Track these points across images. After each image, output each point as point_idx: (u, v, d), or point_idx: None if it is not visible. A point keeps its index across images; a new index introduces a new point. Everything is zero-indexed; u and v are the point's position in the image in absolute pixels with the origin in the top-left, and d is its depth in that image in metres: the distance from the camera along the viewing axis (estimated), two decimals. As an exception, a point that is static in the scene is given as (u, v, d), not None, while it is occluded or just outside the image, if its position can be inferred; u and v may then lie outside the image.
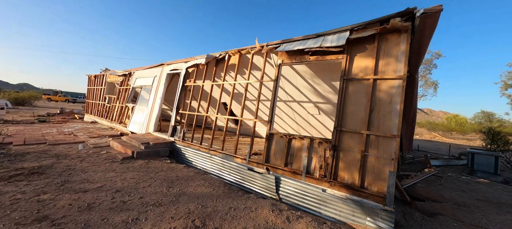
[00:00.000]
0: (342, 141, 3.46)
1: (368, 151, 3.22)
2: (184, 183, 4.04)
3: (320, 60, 3.90)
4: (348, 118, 3.48)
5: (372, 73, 3.35)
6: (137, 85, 8.94)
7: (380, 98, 3.25)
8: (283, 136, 4.11)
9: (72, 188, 3.45)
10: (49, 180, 3.71)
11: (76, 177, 3.92)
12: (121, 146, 6.04)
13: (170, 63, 7.67)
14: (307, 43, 4.02)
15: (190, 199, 3.38)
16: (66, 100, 35.00)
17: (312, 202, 3.55)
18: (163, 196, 3.41)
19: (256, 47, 4.84)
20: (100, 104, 11.78)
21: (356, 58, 3.59)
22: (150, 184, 3.84)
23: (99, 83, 12.19)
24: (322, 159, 3.60)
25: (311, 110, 5.87)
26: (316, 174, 3.57)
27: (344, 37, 3.57)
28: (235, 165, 4.65)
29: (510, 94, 13.77)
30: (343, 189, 3.30)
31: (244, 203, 3.41)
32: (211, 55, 5.79)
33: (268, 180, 4.06)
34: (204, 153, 5.37)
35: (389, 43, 3.31)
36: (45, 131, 8.09)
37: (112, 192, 3.41)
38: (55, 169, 4.23)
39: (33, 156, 4.98)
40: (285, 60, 4.34)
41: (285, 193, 3.88)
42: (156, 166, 5.01)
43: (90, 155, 5.43)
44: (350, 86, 3.55)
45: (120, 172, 4.34)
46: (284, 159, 4.03)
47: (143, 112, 8.02)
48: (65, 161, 4.79)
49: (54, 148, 5.84)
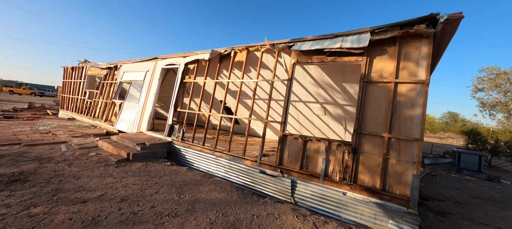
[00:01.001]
0: (362, 143, 3.44)
1: (389, 154, 3.23)
2: (194, 188, 3.75)
3: (337, 61, 3.84)
4: (368, 121, 3.46)
5: (393, 77, 3.36)
6: (126, 80, 8.23)
7: (401, 102, 3.27)
8: (298, 138, 4.00)
9: (68, 198, 3.00)
10: (36, 189, 3.20)
11: (69, 185, 3.43)
12: (113, 147, 5.49)
13: (165, 57, 7.15)
14: (324, 43, 3.92)
15: (207, 206, 3.13)
16: (32, 93, 31.56)
17: (331, 206, 3.50)
18: (176, 204, 3.12)
19: (266, 45, 4.64)
20: (79, 99, 10.70)
21: (375, 61, 3.58)
22: (157, 191, 3.50)
23: (77, 77, 11.06)
24: (340, 161, 3.55)
25: (317, 111, 5.84)
26: (336, 177, 3.52)
27: (366, 39, 3.53)
28: (245, 167, 4.45)
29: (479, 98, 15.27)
30: (364, 192, 3.29)
31: (264, 209, 3.25)
32: (216, 50, 5.47)
33: (283, 183, 3.93)
34: (208, 154, 5.09)
35: (410, 47, 3.33)
36: (16, 129, 7.11)
37: (116, 201, 3.03)
38: (40, 175, 3.67)
39: (9, 160, 4.30)
40: (299, 59, 4.22)
41: (301, 197, 3.78)
42: (157, 169, 4.62)
43: (78, 157, 4.85)
44: (369, 88, 3.53)
45: (118, 177, 3.91)
46: (299, 161, 3.92)
47: (134, 109, 7.40)
48: (50, 165, 4.20)
49: (32, 150, 5.12)
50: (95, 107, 9.57)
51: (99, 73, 9.93)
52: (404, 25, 3.41)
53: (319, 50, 3.95)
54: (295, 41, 4.35)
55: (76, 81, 11.03)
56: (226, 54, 5.48)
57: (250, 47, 5.06)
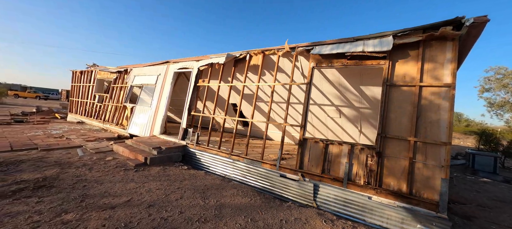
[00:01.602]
0: (387, 147, 3.43)
1: (415, 158, 3.21)
2: (217, 193, 3.75)
3: (358, 65, 3.84)
4: (392, 124, 3.45)
5: (417, 80, 3.35)
6: (137, 84, 8.27)
7: (426, 105, 3.26)
8: (319, 142, 4.00)
9: (96, 204, 3.01)
10: (63, 194, 3.22)
11: (94, 190, 3.45)
12: (129, 151, 5.52)
13: (177, 61, 7.18)
14: (345, 46, 3.93)
15: (234, 211, 3.13)
16: (37, 96, 31.76)
17: (355, 210, 3.49)
18: (203, 209, 3.12)
19: (285, 48, 4.66)
20: (88, 103, 10.76)
21: (397, 64, 3.58)
22: (181, 196, 3.50)
23: (86, 80, 11.13)
24: (364, 165, 3.54)
25: (331, 114, 5.84)
26: (360, 181, 3.51)
27: (388, 42, 3.53)
28: (264, 171, 4.45)
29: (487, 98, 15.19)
30: (390, 196, 3.27)
31: (290, 213, 3.24)
32: (231, 54, 5.49)
33: (305, 187, 3.93)
34: (225, 158, 5.09)
35: (434, 51, 3.33)
36: (30, 134, 7.15)
37: (144, 207, 3.04)
38: (64, 181, 3.70)
39: (30, 165, 4.33)
40: (318, 63, 4.22)
41: (323, 201, 3.77)
42: (175, 173, 4.63)
43: (96, 162, 4.87)
44: (392, 92, 3.53)
45: (140, 182, 3.92)
46: (320, 165, 3.92)
47: (146, 113, 7.43)
48: (71, 170, 4.23)
49: (49, 154, 5.15)
50: (105, 111, 9.62)
51: (108, 77, 9.99)
52: (427, 29, 3.41)
53: (339, 54, 3.95)
54: (314, 45, 4.36)
55: (85, 85, 11.10)
56: (241, 58, 5.49)
57: (266, 51, 5.07)
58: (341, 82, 4.98)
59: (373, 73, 4.46)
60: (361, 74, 4.62)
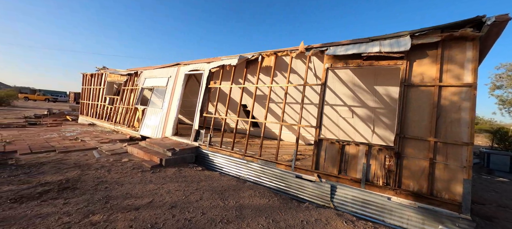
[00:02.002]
0: (405, 147, 3.42)
1: (436, 159, 3.19)
2: (235, 194, 3.80)
3: (374, 65, 3.83)
4: (411, 125, 3.44)
5: (436, 80, 3.33)
6: (147, 86, 8.39)
7: (446, 105, 3.24)
8: (335, 142, 4.00)
9: (120, 206, 3.09)
10: (87, 196, 3.30)
11: (115, 192, 3.53)
12: (143, 153, 5.61)
13: (188, 63, 7.26)
14: (360, 47, 3.92)
15: (254, 212, 3.17)
16: (46, 99, 32.47)
17: (374, 211, 3.48)
18: (224, 210, 3.16)
19: (299, 49, 4.67)
20: (99, 105, 10.95)
21: (415, 64, 3.56)
22: (200, 197, 3.56)
23: (97, 83, 11.33)
24: (382, 166, 3.54)
25: (344, 114, 5.83)
26: (379, 182, 3.50)
27: (406, 43, 3.52)
28: (279, 172, 4.47)
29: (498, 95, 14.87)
30: (410, 197, 3.26)
31: (309, 214, 3.26)
32: (244, 56, 5.53)
33: (322, 188, 3.94)
34: (238, 159, 5.13)
35: (454, 50, 3.30)
36: (46, 136, 7.33)
37: (166, 208, 3.10)
38: (86, 183, 3.79)
39: (51, 167, 4.45)
40: (333, 64, 4.22)
41: (341, 201, 3.78)
42: (191, 174, 4.69)
43: (113, 163, 4.97)
44: (411, 92, 3.51)
45: (159, 184, 4.00)
46: (336, 166, 3.92)
47: (157, 115, 7.54)
48: (91, 172, 4.33)
49: (67, 156, 5.28)
50: (115, 113, 9.78)
51: (119, 79, 10.15)
52: (446, 28, 3.39)
53: (355, 54, 3.94)
54: (328, 46, 4.36)
55: (96, 87, 11.30)
56: (253, 60, 5.53)
57: (278, 52, 5.09)
58: (355, 82, 4.97)
59: (388, 73, 4.44)
60: (376, 74, 4.60)
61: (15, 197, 3.11)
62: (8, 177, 3.88)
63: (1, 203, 2.95)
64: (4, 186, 3.50)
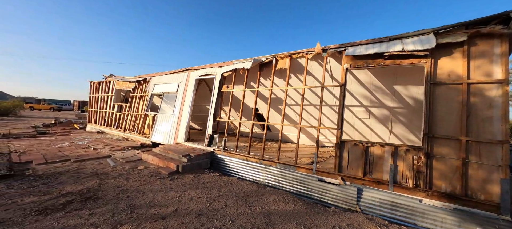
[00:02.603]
0: (434, 147, 3.33)
1: (468, 158, 3.10)
2: (259, 200, 3.71)
3: (397, 64, 3.77)
4: (439, 124, 3.35)
5: (464, 78, 3.26)
6: (157, 92, 8.38)
7: (476, 103, 3.16)
8: (358, 144, 3.92)
9: (146, 215, 3.02)
10: (111, 206, 3.24)
11: (138, 200, 3.47)
12: (158, 159, 5.56)
13: (198, 68, 7.25)
14: (381, 46, 3.87)
15: (283, 218, 3.08)
16: (51, 108, 32.69)
17: (404, 214, 3.38)
18: (252, 217, 3.08)
19: (315, 50, 4.62)
20: (108, 112, 10.96)
21: (439, 62, 3.49)
22: (225, 203, 3.48)
23: (104, 91, 11.36)
24: (411, 167, 3.44)
25: (360, 115, 5.75)
26: (408, 183, 3.41)
27: (430, 40, 3.46)
28: (300, 175, 4.39)
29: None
30: (443, 199, 3.16)
31: (339, 219, 3.17)
32: (258, 59, 5.50)
33: (347, 191, 3.84)
34: (256, 163, 5.05)
35: (482, 47, 3.23)
36: (58, 145, 7.32)
37: (194, 216, 3.03)
38: (107, 192, 3.73)
39: (69, 177, 4.41)
40: (352, 64, 4.17)
41: (368, 204, 3.68)
42: (209, 180, 4.62)
43: (130, 171, 4.92)
44: (437, 90, 3.43)
45: (180, 191, 3.93)
46: (361, 168, 3.84)
47: (168, 121, 7.50)
48: (109, 180, 4.27)
49: (83, 165, 5.24)
50: (124, 120, 9.77)
51: (127, 86, 10.17)
52: (471, 25, 3.33)
53: (375, 54, 3.89)
54: (346, 46, 4.31)
55: (104, 95, 11.32)
56: (266, 62, 5.49)
57: (293, 54, 5.05)
58: (373, 82, 4.90)
59: (408, 72, 4.38)
60: (396, 73, 4.53)
61: (39, 209, 3.06)
62: (27, 188, 3.84)
63: (27, 215, 2.90)
64: (26, 198, 3.45)
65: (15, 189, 3.79)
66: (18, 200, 3.35)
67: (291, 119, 7.44)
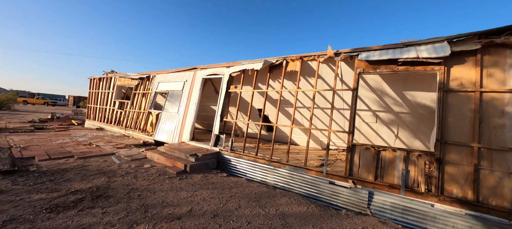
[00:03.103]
0: (446, 153, 3.39)
1: (480, 164, 3.17)
2: (271, 201, 3.71)
3: (410, 71, 3.83)
4: (451, 130, 3.42)
5: (477, 86, 3.33)
6: (161, 90, 8.30)
7: (489, 111, 3.23)
8: (370, 148, 3.96)
9: (161, 215, 2.98)
10: (123, 205, 3.19)
11: (150, 200, 3.42)
12: (164, 158, 5.49)
13: (205, 67, 7.21)
14: (395, 52, 3.93)
15: (299, 221, 3.08)
16: (45, 103, 31.97)
17: (416, 218, 3.42)
18: (268, 219, 3.07)
19: (327, 54, 4.66)
20: (108, 109, 10.79)
21: (452, 70, 3.56)
22: (239, 205, 3.46)
23: (105, 87, 11.18)
24: (423, 172, 3.50)
25: (367, 119, 5.81)
26: (420, 188, 3.46)
27: (444, 48, 3.53)
28: (310, 178, 4.40)
29: None
30: (455, 204, 3.21)
31: (353, 222, 3.19)
32: (268, 60, 5.50)
33: (358, 194, 3.87)
34: (264, 164, 5.05)
35: (494, 57, 3.31)
36: (58, 141, 7.16)
37: (209, 217, 3.00)
38: (117, 190, 3.67)
39: (75, 174, 4.32)
40: (365, 69, 4.21)
41: (378, 208, 3.71)
42: (218, 181, 4.59)
43: (137, 170, 4.85)
44: (450, 98, 3.50)
45: (191, 191, 3.89)
46: (372, 172, 3.87)
47: (173, 120, 7.43)
48: (117, 178, 4.20)
49: (88, 163, 5.14)
50: (125, 117, 9.63)
51: (129, 83, 10.04)
52: (483, 35, 3.41)
53: (388, 60, 3.94)
54: (359, 51, 4.36)
55: (104, 91, 11.15)
56: (277, 64, 5.50)
57: (304, 57, 5.08)
58: (382, 88, 4.96)
59: (418, 78, 4.45)
60: (406, 79, 4.60)
61: (50, 207, 2.99)
62: (34, 184, 3.74)
63: (38, 212, 2.83)
64: (33, 194, 3.36)
65: (21, 185, 3.69)
66: (26, 197, 3.26)
67: (297, 121, 7.46)
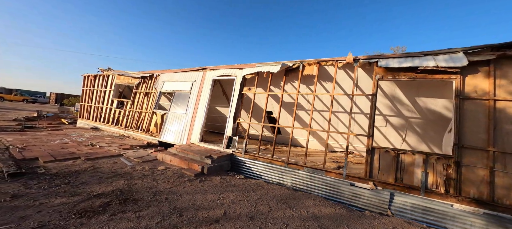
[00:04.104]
0: (464, 157, 3.63)
1: (495, 167, 3.43)
2: (298, 203, 3.76)
3: (427, 78, 4.06)
4: (468, 135, 3.67)
5: (491, 94, 3.60)
6: (167, 90, 8.09)
7: (502, 118, 3.51)
8: (389, 151, 4.14)
9: (197, 218, 2.93)
10: (154, 208, 3.09)
11: (179, 203, 3.34)
12: (178, 160, 5.37)
13: (215, 68, 7.15)
14: (414, 60, 4.14)
15: (333, 223, 3.16)
16: (24, 100, 29.89)
17: (435, 218, 3.63)
18: (302, 220, 3.12)
19: (346, 60, 4.82)
20: (105, 108, 10.32)
21: (467, 79, 3.83)
22: (270, 207, 3.48)
23: (102, 85, 10.69)
24: (441, 174, 3.72)
25: (377, 123, 6.05)
26: (439, 190, 3.67)
27: (461, 59, 3.79)
28: (330, 180, 4.51)
29: None
30: (473, 204, 3.45)
31: (381, 222, 3.32)
32: (286, 64, 5.57)
33: (380, 196, 4.03)
34: (281, 166, 5.10)
35: (505, 68, 3.60)
36: (57, 141, 6.75)
37: (246, 220, 2.99)
38: (141, 194, 3.54)
39: (90, 176, 4.11)
40: (384, 76, 4.41)
41: (399, 209, 3.89)
42: (238, 183, 4.57)
43: (153, 172, 4.71)
44: (465, 105, 3.76)
45: (216, 193, 3.85)
46: (392, 174, 4.05)
47: (181, 120, 7.27)
48: (137, 181, 4.06)
49: (98, 164, 4.91)
50: (126, 117, 9.27)
51: (129, 82, 9.69)
52: (496, 48, 3.70)
53: (408, 67, 4.15)
54: (377, 58, 4.55)
55: (101, 89, 10.66)
56: (294, 68, 5.59)
57: (322, 62, 5.21)
58: (396, 93, 5.21)
59: (430, 85, 4.72)
60: (419, 86, 4.86)
61: (78, 211, 2.84)
62: (49, 188, 3.53)
63: (67, 218, 2.68)
64: (53, 198, 3.17)
65: (35, 189, 3.46)
66: (46, 202, 3.07)
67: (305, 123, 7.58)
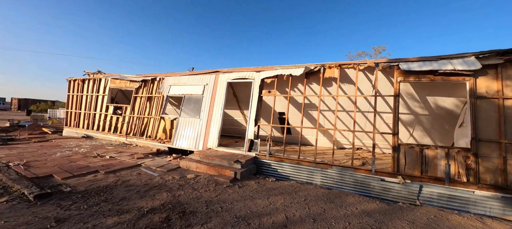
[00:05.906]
0: (480, 149, 4.15)
1: (507, 156, 3.99)
2: (343, 201, 3.96)
3: (444, 80, 4.54)
4: (482, 130, 4.19)
5: (500, 94, 4.16)
6: (175, 94, 7.77)
7: (509, 114, 4.08)
8: (414, 147, 4.55)
9: (266, 225, 2.96)
10: (218, 219, 3.04)
11: (237, 211, 3.33)
12: (205, 166, 5.26)
13: (229, 71, 7.06)
14: (433, 64, 4.59)
15: (384, 217, 3.40)
16: (-22, 107, 26.06)
17: (459, 204, 4.10)
18: (358, 217, 3.31)
19: (367, 63, 5.14)
20: (98, 114, 9.55)
21: (478, 80, 4.37)
22: (323, 208, 3.61)
23: (93, 90, 9.85)
24: (462, 165, 4.20)
25: (388, 120, 6.53)
26: (462, 179, 4.15)
27: (474, 62, 4.30)
28: (360, 177, 4.80)
29: None
30: (491, 190, 3.97)
31: (420, 212, 3.66)
32: (308, 66, 5.73)
33: (409, 188, 4.41)
34: (309, 166, 5.28)
35: (510, 70, 4.19)
36: (58, 154, 6.11)
37: (310, 222, 3.10)
38: (193, 205, 3.45)
39: (125, 191, 3.87)
40: (405, 78, 4.80)
41: (426, 198, 4.30)
42: (274, 186, 4.64)
43: (186, 181, 4.56)
44: (478, 103, 4.29)
45: (263, 198, 3.88)
46: (417, 167, 4.46)
47: (194, 125, 7.06)
48: (179, 192, 3.91)
49: (122, 177, 4.61)
50: (126, 123, 8.69)
51: (127, 86, 9.09)
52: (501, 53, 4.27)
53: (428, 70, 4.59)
54: (397, 61, 4.93)
55: (92, 95, 9.81)
56: (315, 71, 5.78)
57: (343, 65, 5.48)
58: (411, 93, 5.69)
59: (442, 86, 5.26)
60: (432, 87, 5.38)
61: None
62: (89, 207, 3.26)
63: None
64: (102, 218, 2.95)
65: (75, 210, 3.17)
66: (98, 223, 2.84)
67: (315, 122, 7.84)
